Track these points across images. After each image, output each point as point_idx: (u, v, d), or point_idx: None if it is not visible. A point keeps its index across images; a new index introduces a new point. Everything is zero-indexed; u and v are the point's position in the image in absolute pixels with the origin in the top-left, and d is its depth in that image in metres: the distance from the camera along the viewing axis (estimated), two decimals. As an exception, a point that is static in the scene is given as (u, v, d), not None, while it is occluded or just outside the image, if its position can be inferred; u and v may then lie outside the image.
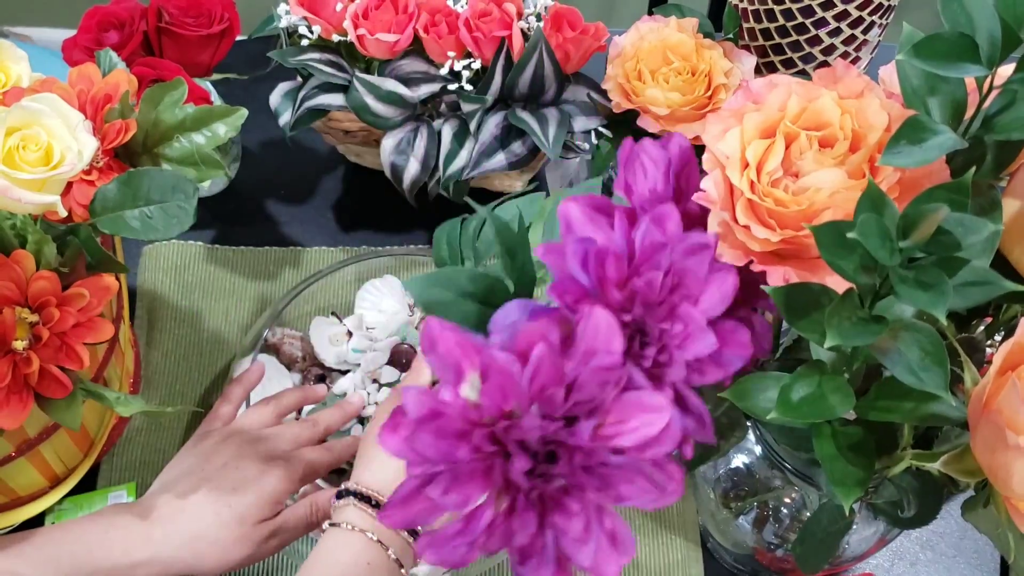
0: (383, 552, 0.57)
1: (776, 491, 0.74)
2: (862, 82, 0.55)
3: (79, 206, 0.66)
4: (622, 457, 0.38)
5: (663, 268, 0.41)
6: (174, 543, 0.63)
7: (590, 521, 0.39)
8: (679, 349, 0.41)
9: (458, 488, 0.38)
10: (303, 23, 0.89)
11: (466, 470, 0.38)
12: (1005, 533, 0.50)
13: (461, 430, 0.38)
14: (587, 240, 0.41)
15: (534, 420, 0.38)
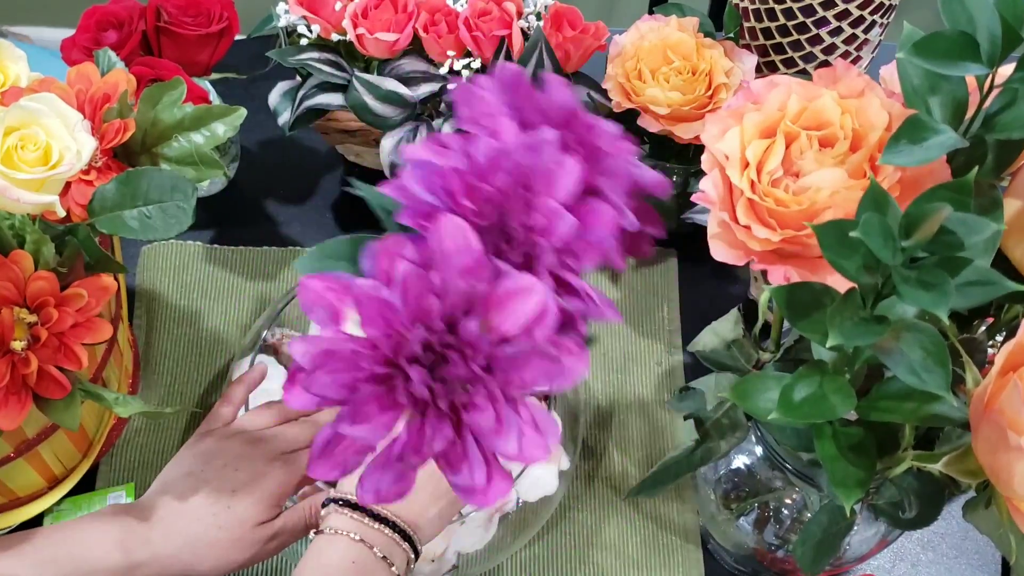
0: (368, 550, 0.58)
1: (777, 492, 0.73)
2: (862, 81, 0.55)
3: (77, 206, 0.66)
4: (513, 345, 0.40)
5: (507, 170, 0.43)
6: (173, 544, 0.63)
7: (503, 413, 0.40)
8: (543, 237, 0.43)
9: (366, 417, 0.39)
10: (302, 22, 0.89)
11: (368, 398, 0.40)
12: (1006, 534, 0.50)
13: (353, 363, 0.39)
14: (425, 163, 0.43)
15: (418, 333, 0.40)
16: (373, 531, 0.58)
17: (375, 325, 0.40)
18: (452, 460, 0.41)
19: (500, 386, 0.41)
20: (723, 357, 0.66)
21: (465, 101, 0.47)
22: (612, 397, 0.91)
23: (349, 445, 0.41)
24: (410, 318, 0.40)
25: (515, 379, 0.41)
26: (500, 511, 0.77)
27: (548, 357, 0.40)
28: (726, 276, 0.98)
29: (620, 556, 0.82)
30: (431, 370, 0.40)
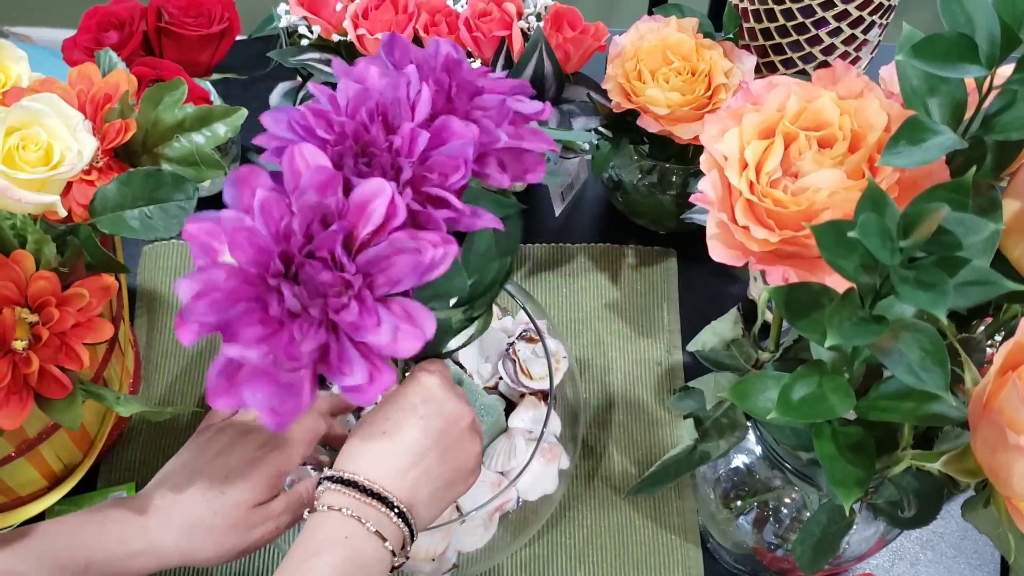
0: (360, 525, 0.58)
1: (776, 491, 0.74)
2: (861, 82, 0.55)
3: (79, 206, 0.66)
4: (376, 246, 0.44)
5: (368, 105, 0.48)
6: (170, 533, 0.63)
7: (372, 309, 0.44)
8: (403, 156, 0.47)
9: (245, 337, 0.43)
10: (303, 23, 0.89)
11: (244, 318, 0.43)
12: (1005, 533, 0.50)
13: (226, 289, 0.43)
14: (286, 108, 0.49)
15: (279, 250, 0.44)
16: (365, 506, 0.58)
17: (241, 250, 0.43)
18: (332, 362, 0.44)
19: (368, 286, 0.44)
20: (722, 357, 0.66)
21: (342, 66, 0.51)
22: (612, 397, 0.91)
23: (239, 368, 0.44)
24: (272, 238, 0.44)
25: (382, 277, 0.44)
26: (500, 510, 0.77)
27: (409, 251, 0.44)
28: (725, 276, 0.98)
29: (620, 555, 0.83)
30: (299, 283, 0.44)
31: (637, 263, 0.99)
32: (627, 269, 0.99)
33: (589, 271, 0.99)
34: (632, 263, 1.00)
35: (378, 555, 0.58)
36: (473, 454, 0.63)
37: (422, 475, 0.60)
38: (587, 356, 0.93)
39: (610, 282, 0.98)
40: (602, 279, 0.98)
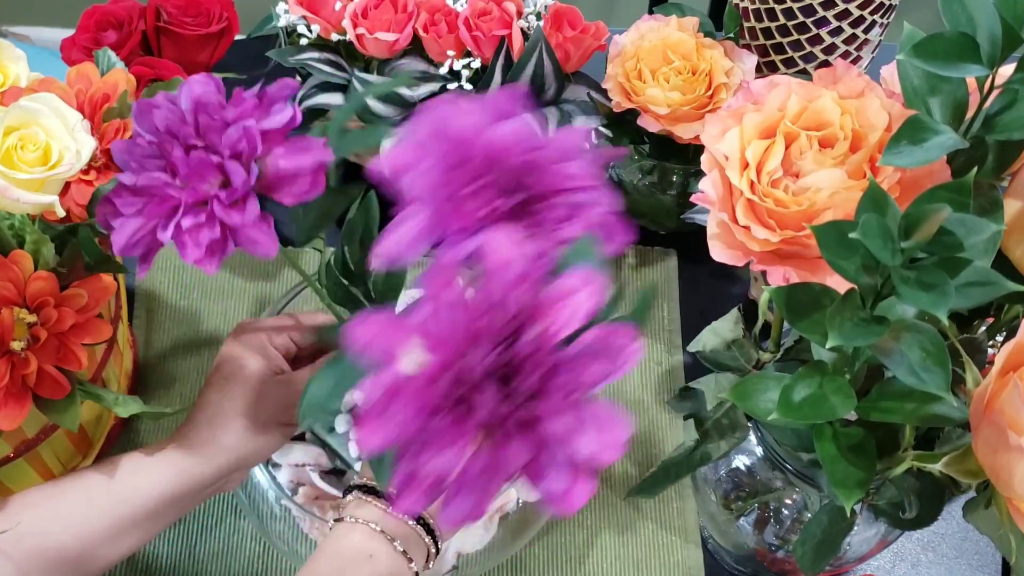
0: (388, 544, 0.56)
1: (777, 492, 0.73)
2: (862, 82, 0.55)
3: (77, 206, 0.66)
4: (574, 346, 0.39)
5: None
6: (192, 430, 0.62)
7: (577, 414, 0.39)
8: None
9: (440, 448, 0.38)
10: (302, 22, 0.89)
11: (440, 429, 0.38)
12: (1007, 534, 0.50)
13: (420, 398, 0.38)
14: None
15: (479, 352, 0.38)
16: (395, 521, 0.56)
17: (441, 352, 0.38)
18: (535, 472, 0.39)
19: (569, 389, 0.39)
20: (723, 357, 0.66)
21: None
22: (612, 397, 0.91)
23: (428, 476, 0.39)
24: (470, 340, 0.38)
25: (580, 378, 0.39)
26: (500, 511, 0.77)
27: (607, 352, 0.39)
28: (726, 276, 0.98)
29: (620, 556, 0.82)
30: (499, 389, 0.39)
31: (637, 263, 0.99)
32: (627, 269, 0.99)
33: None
34: (632, 263, 0.99)
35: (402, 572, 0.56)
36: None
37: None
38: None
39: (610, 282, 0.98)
40: (602, 279, 0.98)
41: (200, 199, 0.47)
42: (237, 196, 0.47)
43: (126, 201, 0.48)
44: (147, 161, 0.48)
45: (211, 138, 0.47)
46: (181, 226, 0.46)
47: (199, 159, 0.47)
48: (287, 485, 0.76)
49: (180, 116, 0.48)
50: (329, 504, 0.75)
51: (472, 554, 0.77)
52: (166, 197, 0.47)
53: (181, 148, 0.47)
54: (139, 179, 0.47)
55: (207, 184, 0.47)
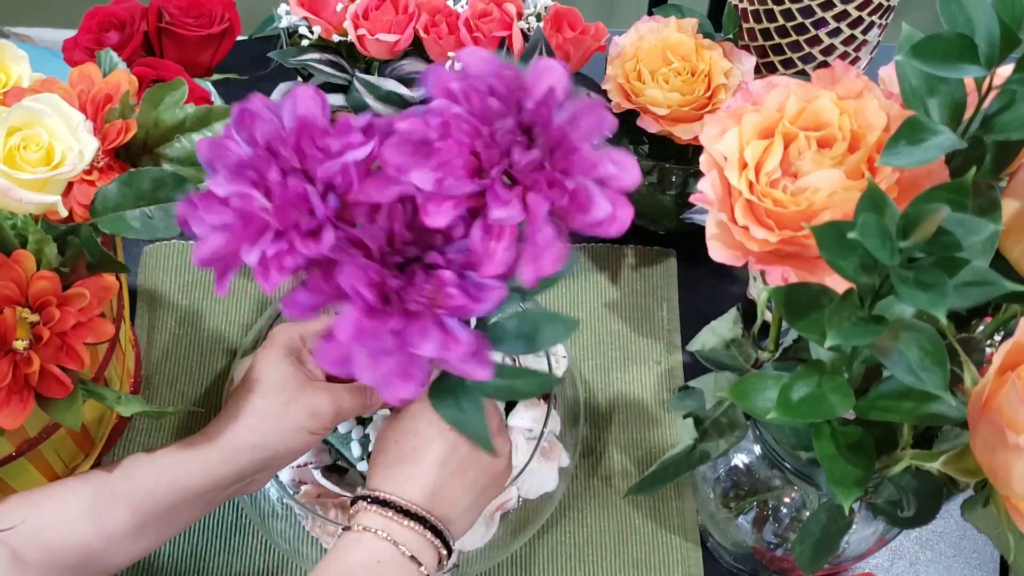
0: (395, 549, 0.56)
1: (776, 491, 0.74)
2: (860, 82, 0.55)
3: (80, 206, 0.66)
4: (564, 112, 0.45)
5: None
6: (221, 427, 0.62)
7: (592, 154, 0.45)
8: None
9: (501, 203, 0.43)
10: (303, 23, 0.89)
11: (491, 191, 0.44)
12: (1004, 533, 0.51)
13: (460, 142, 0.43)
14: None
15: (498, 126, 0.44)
16: (402, 528, 0.57)
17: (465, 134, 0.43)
18: (580, 205, 0.44)
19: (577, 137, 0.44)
20: (722, 357, 0.66)
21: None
22: (612, 397, 0.91)
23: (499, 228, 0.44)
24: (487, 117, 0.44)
25: (582, 128, 0.44)
26: (501, 509, 0.77)
27: (588, 109, 0.44)
28: (725, 276, 0.98)
29: (620, 555, 0.83)
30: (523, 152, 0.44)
31: (637, 263, 1.00)
32: (627, 269, 0.99)
33: (589, 271, 0.99)
34: (632, 263, 1.00)
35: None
36: (504, 455, 0.63)
37: (458, 489, 0.60)
38: (587, 356, 0.93)
39: (610, 282, 0.98)
40: (602, 279, 0.98)
41: (287, 228, 0.45)
42: (315, 227, 0.45)
43: (211, 208, 0.46)
44: (239, 171, 0.46)
45: (310, 165, 0.46)
46: (266, 252, 0.45)
47: (296, 189, 0.45)
48: (289, 484, 0.77)
49: (282, 134, 0.47)
50: (331, 503, 0.76)
51: (472, 552, 0.77)
52: (255, 218, 0.45)
53: (278, 170, 0.46)
54: (232, 193, 0.45)
55: (296, 212, 0.45)
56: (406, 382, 0.45)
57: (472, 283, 0.45)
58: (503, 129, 0.43)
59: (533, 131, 0.44)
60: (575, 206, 0.44)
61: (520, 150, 0.43)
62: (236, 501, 0.83)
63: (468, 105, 0.44)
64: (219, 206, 0.46)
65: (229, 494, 0.64)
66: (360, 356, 0.45)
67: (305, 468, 0.77)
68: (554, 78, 0.44)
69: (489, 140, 0.43)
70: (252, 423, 0.61)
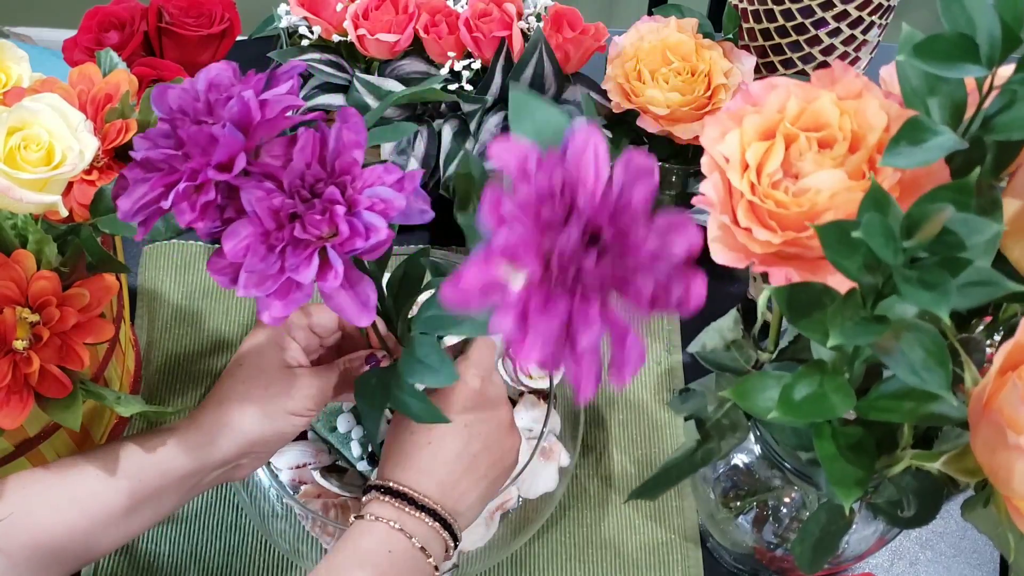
0: (406, 540, 0.58)
1: (776, 491, 0.74)
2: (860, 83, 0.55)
3: (80, 206, 0.66)
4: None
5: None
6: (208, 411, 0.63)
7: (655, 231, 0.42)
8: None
9: (584, 325, 0.40)
10: (303, 23, 0.89)
11: (571, 310, 0.40)
12: (1005, 533, 0.51)
13: (545, 298, 0.40)
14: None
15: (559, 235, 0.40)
16: (413, 520, 0.58)
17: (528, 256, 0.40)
18: (661, 294, 0.42)
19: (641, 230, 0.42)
20: (722, 358, 0.66)
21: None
22: (612, 397, 0.91)
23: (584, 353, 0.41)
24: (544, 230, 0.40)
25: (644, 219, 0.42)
26: (501, 509, 0.77)
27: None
28: (725, 276, 0.98)
29: (620, 555, 0.83)
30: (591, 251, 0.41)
31: (637, 263, 1.00)
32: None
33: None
34: (632, 263, 1.00)
35: (420, 570, 0.58)
36: (513, 450, 0.64)
37: (469, 483, 0.61)
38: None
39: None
40: (602, 279, 0.98)
41: (199, 167, 0.48)
42: (223, 159, 0.48)
43: (136, 175, 0.49)
44: (160, 140, 0.49)
45: (219, 113, 0.49)
46: (179, 191, 0.48)
47: (204, 131, 0.48)
48: (288, 483, 0.76)
49: (194, 95, 0.50)
50: (331, 503, 0.76)
51: (473, 552, 0.77)
52: (172, 170, 0.49)
53: (191, 124, 0.48)
54: (149, 153, 0.49)
55: (203, 153, 0.48)
56: (283, 304, 0.48)
57: (363, 221, 0.48)
58: (570, 244, 0.39)
59: (599, 234, 0.41)
60: (654, 303, 0.42)
61: (592, 260, 0.40)
62: (236, 501, 0.83)
63: (524, 226, 0.40)
64: (142, 171, 0.49)
65: (214, 479, 0.64)
66: (244, 274, 0.48)
67: (305, 468, 0.77)
68: (596, 152, 0.41)
69: (559, 261, 0.40)
70: (234, 408, 0.62)
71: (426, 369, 0.57)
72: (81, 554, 0.61)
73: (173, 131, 0.49)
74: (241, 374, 0.63)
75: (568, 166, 0.41)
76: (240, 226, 0.48)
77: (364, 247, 0.48)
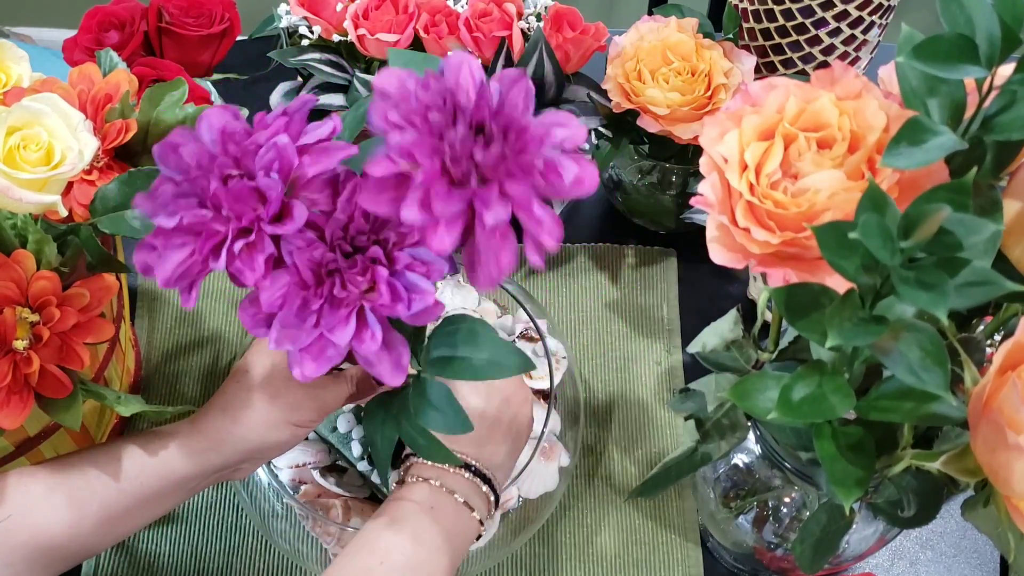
0: (449, 496, 0.59)
1: (776, 490, 0.74)
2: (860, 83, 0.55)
3: (79, 206, 0.66)
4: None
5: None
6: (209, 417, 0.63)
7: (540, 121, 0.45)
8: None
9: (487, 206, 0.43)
10: (303, 23, 0.89)
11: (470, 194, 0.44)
12: (1005, 533, 0.51)
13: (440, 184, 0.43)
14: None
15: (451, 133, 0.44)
16: (455, 477, 0.60)
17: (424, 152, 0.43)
18: (550, 170, 0.45)
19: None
20: (722, 358, 0.66)
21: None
22: (612, 397, 0.91)
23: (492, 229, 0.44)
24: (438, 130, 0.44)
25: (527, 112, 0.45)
26: (501, 509, 0.77)
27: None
28: (725, 276, 0.99)
29: (620, 555, 0.83)
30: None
31: (637, 263, 1.00)
32: (627, 269, 0.99)
33: (589, 271, 0.99)
34: (632, 263, 1.00)
35: (466, 524, 0.60)
36: (527, 402, 0.66)
37: (498, 437, 0.63)
38: (587, 356, 0.93)
39: (610, 282, 0.98)
40: (602, 279, 0.98)
41: (247, 225, 0.46)
42: (274, 211, 0.46)
43: (169, 243, 0.47)
44: (178, 201, 0.47)
45: (246, 164, 0.47)
46: (233, 252, 0.46)
47: (239, 187, 0.46)
48: (289, 484, 0.77)
49: (207, 150, 0.47)
50: (331, 503, 0.76)
51: (473, 552, 0.77)
52: (212, 232, 0.46)
53: (218, 180, 0.46)
54: (184, 218, 0.46)
55: (251, 209, 0.46)
56: (316, 363, 0.46)
57: (405, 284, 0.47)
58: (459, 138, 0.44)
59: (485, 127, 0.45)
60: (547, 180, 0.45)
61: (480, 150, 0.44)
62: (236, 501, 0.83)
63: (416, 129, 0.44)
64: (176, 234, 0.46)
65: (213, 480, 0.65)
66: (277, 326, 0.46)
67: (305, 468, 0.77)
68: (471, 68, 0.46)
69: (452, 154, 0.44)
70: (238, 416, 0.62)
71: (439, 416, 0.55)
72: (79, 553, 0.62)
73: (194, 191, 0.47)
74: (247, 382, 0.63)
75: (447, 80, 0.45)
76: (280, 275, 0.46)
77: (407, 314, 0.46)
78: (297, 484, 0.77)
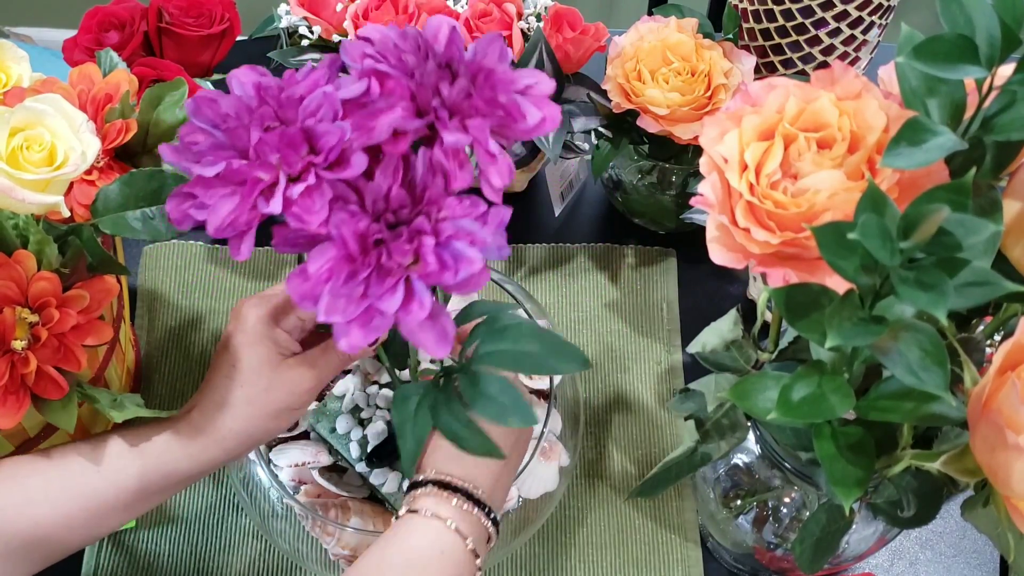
0: (460, 542, 0.57)
1: (776, 491, 0.74)
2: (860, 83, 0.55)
3: (80, 206, 0.66)
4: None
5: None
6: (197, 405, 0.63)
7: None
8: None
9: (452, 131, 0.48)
10: (303, 23, 0.89)
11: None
12: (1004, 533, 0.51)
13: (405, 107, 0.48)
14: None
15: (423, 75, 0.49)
16: (470, 518, 0.58)
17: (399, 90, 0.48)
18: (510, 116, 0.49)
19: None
20: (722, 358, 0.66)
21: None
22: (612, 397, 0.91)
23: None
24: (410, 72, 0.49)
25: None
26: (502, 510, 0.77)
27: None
28: (725, 276, 0.99)
29: (620, 555, 0.83)
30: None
31: (637, 263, 1.00)
32: (627, 269, 0.99)
33: (589, 271, 0.99)
34: (632, 263, 1.00)
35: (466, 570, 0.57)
36: (529, 435, 0.65)
37: (509, 473, 0.62)
38: (587, 356, 0.93)
39: (610, 282, 0.98)
40: (602, 279, 0.99)
41: (300, 171, 0.47)
42: (334, 157, 0.47)
43: (213, 192, 0.47)
44: (215, 152, 0.47)
45: (286, 114, 0.48)
46: (289, 197, 0.46)
47: (290, 133, 0.47)
48: (288, 483, 0.77)
49: (245, 103, 0.48)
50: (331, 503, 0.76)
51: (473, 553, 0.77)
52: (255, 180, 0.47)
53: (259, 130, 0.47)
54: (225, 167, 0.47)
55: (300, 155, 0.47)
56: (364, 332, 0.46)
57: (451, 254, 0.47)
58: (427, 71, 0.48)
59: (452, 67, 0.49)
60: (510, 119, 0.49)
61: (447, 85, 0.48)
62: (236, 501, 0.83)
63: (388, 63, 0.48)
64: (218, 183, 0.47)
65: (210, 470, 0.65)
66: (326, 297, 0.46)
67: (305, 468, 0.77)
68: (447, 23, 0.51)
69: (420, 83, 0.48)
70: (235, 412, 0.62)
71: (498, 407, 0.53)
72: (75, 543, 0.62)
73: (232, 142, 0.47)
74: (238, 376, 0.62)
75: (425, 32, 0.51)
76: (325, 248, 0.46)
77: (453, 282, 0.46)
78: (297, 484, 0.77)
